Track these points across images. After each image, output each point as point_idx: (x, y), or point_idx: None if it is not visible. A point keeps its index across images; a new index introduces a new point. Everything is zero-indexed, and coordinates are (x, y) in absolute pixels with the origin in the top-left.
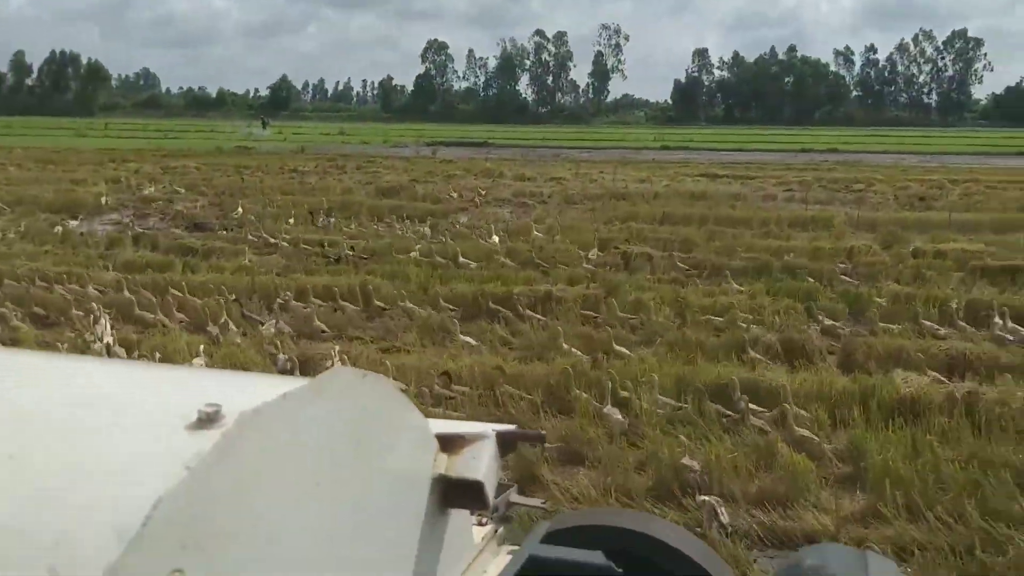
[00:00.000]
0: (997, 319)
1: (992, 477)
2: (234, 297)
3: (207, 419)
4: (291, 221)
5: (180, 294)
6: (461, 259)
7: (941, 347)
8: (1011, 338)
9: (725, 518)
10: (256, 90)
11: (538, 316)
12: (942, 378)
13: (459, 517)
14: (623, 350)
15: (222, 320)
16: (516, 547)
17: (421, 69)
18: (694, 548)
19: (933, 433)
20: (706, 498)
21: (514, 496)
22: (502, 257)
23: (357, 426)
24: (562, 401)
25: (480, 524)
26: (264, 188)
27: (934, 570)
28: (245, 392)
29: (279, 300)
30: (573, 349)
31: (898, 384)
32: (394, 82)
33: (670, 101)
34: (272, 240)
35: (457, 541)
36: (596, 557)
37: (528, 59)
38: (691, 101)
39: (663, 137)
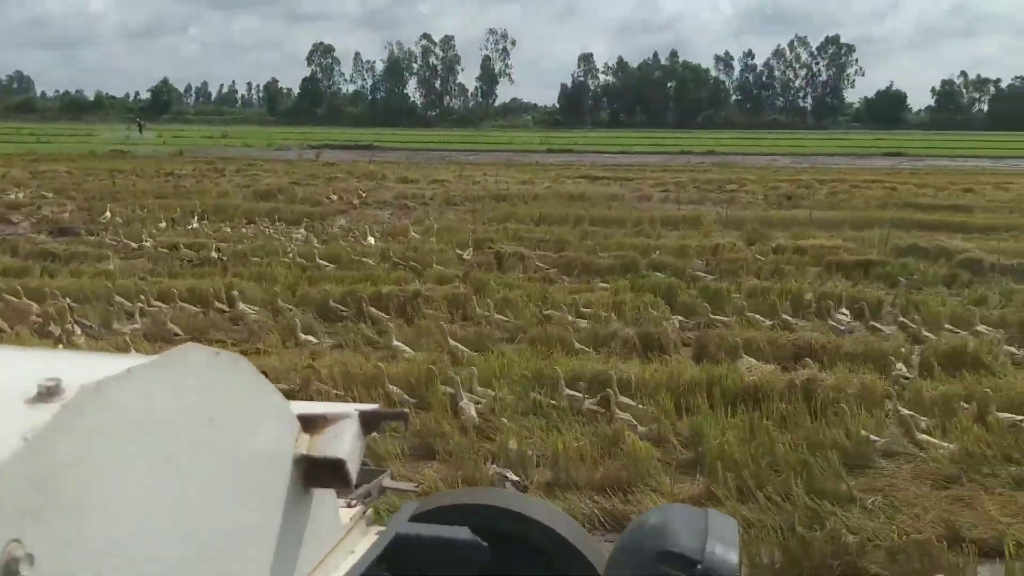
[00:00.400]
0: (843, 311)
1: (820, 458)
2: (68, 302)
3: (47, 393)
4: (161, 225)
5: (16, 299)
6: (319, 260)
7: (789, 337)
8: (843, 327)
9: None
10: (136, 93)
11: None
12: (792, 366)
13: (324, 497)
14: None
15: (67, 324)
16: (384, 528)
17: (307, 72)
18: (563, 524)
19: (771, 418)
20: (495, 467)
21: (387, 481)
22: (371, 259)
23: (211, 403)
24: (423, 398)
25: (349, 506)
26: (136, 192)
27: (758, 546)
28: (90, 369)
29: (138, 304)
30: (437, 348)
31: (743, 372)
32: (280, 85)
33: (557, 105)
34: (136, 245)
35: (323, 521)
36: (462, 533)
37: (416, 63)
38: (578, 105)
39: (549, 140)
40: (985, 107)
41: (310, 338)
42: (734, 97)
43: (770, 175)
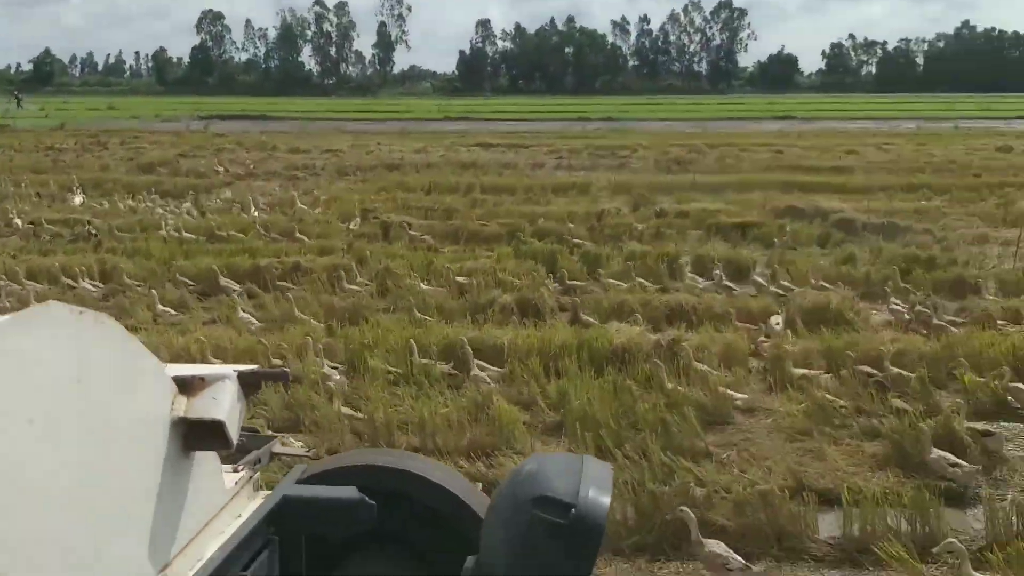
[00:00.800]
0: (716, 272)
1: (678, 416)
2: None
3: None
4: (35, 200)
5: None
6: (192, 234)
7: (662, 300)
8: (715, 288)
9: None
10: (17, 65)
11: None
12: (664, 328)
13: (207, 461)
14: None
15: None
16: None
17: (197, 40)
18: (454, 482)
19: (636, 379)
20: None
21: (277, 447)
22: (253, 231)
23: (76, 363)
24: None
25: (236, 471)
26: (12, 167)
27: (612, 503)
28: None
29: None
30: (311, 319)
31: (611, 335)
32: (168, 54)
33: (456, 72)
34: (7, 222)
35: (206, 485)
36: (349, 492)
37: (310, 30)
38: (476, 72)
39: (447, 108)
40: (873, 69)
41: (168, 310)
42: (632, 63)
43: (663, 140)
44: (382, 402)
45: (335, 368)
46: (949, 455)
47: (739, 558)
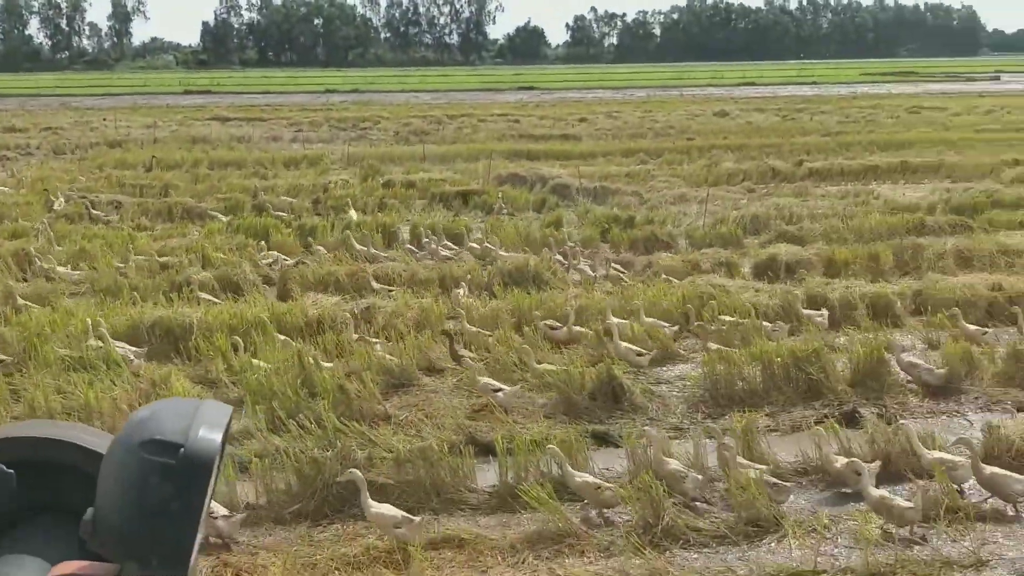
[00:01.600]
0: (428, 239)
1: (359, 382)
2: None
3: None
4: None
5: None
6: None
7: (370, 268)
8: (419, 253)
9: None
10: None
11: None
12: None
13: None
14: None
15: None
16: None
17: None
18: (97, 441)
19: (326, 348)
20: None
21: None
22: None
23: None
24: None
25: None
26: None
27: (272, 474)
28: None
29: None
30: None
31: (306, 307)
32: None
33: (202, 45)
34: None
35: None
36: None
37: (36, 0)
38: (223, 44)
39: (189, 82)
40: (615, 41)
41: None
42: (383, 35)
43: (406, 112)
44: (50, 389)
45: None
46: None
47: (406, 515)
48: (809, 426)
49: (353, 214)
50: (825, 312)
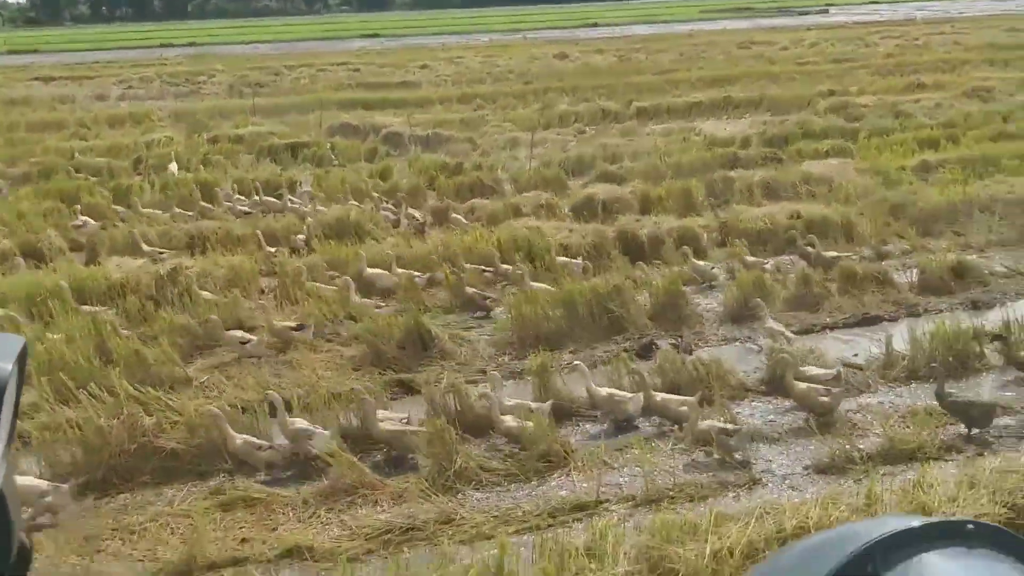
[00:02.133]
0: (240, 196)
1: (156, 347)
2: None
3: None
4: None
5: None
6: None
7: (183, 228)
8: (240, 209)
9: None
10: None
11: None
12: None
13: None
14: None
15: None
16: None
17: None
18: None
19: (127, 313)
20: None
21: None
22: None
23: None
24: None
25: None
26: None
27: (55, 448)
28: None
29: None
30: None
31: (110, 270)
32: None
33: (29, 2)
34: None
35: None
36: None
37: None
38: (53, 1)
39: (12, 40)
40: None
41: None
42: None
43: (242, 64)
44: None
45: None
46: None
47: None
48: (609, 361)
49: (174, 167)
50: (581, 259)
